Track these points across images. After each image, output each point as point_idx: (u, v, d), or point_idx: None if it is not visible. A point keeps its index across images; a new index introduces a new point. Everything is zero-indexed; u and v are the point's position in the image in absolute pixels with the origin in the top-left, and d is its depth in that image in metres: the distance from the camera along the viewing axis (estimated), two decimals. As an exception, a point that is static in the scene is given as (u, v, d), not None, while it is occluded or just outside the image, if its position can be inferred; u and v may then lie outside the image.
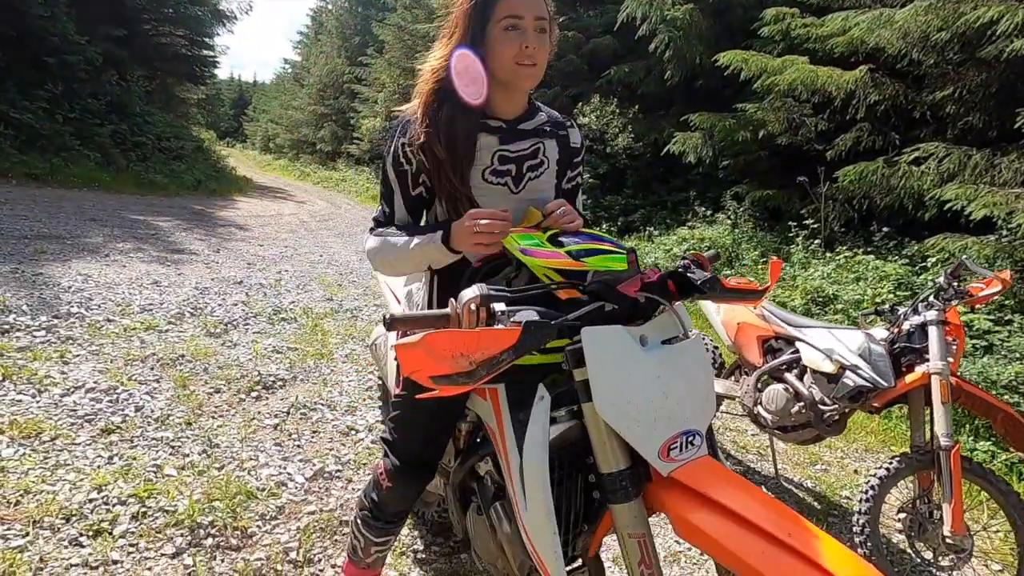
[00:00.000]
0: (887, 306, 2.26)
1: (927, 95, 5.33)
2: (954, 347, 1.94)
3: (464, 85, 1.12)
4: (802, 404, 2.21)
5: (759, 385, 2.41)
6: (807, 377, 2.27)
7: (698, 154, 7.09)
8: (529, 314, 0.82)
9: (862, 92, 5.52)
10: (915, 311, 2.06)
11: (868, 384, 1.98)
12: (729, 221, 6.79)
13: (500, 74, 1.12)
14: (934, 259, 4.56)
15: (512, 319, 0.81)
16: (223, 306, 3.72)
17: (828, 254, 5.58)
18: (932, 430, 1.98)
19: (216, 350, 2.96)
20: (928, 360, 1.94)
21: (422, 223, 1.23)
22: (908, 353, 2.02)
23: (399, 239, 1.15)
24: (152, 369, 2.63)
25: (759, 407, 2.38)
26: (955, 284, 1.93)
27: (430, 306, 1.25)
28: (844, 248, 5.44)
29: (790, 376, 2.31)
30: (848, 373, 2.06)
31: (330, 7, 29.37)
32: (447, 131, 1.12)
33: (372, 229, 1.22)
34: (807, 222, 5.83)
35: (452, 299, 0.89)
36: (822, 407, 2.16)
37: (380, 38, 18.72)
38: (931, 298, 2.00)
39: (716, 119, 6.72)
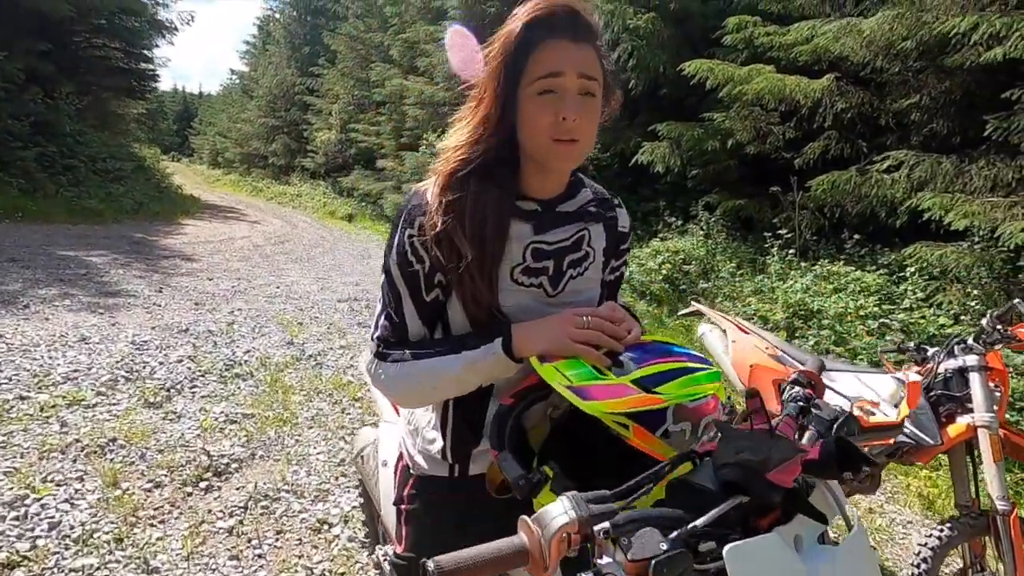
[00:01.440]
0: (912, 344, 2.08)
1: (891, 103, 5.35)
2: (998, 395, 1.76)
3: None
4: (830, 458, 2.00)
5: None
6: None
7: (666, 164, 6.99)
8: (650, 539, 0.53)
9: (829, 100, 5.51)
10: (951, 353, 1.88)
11: (910, 441, 1.78)
12: (702, 231, 6.70)
13: (531, 150, 0.86)
14: (912, 268, 4.52)
15: (631, 553, 0.52)
16: (165, 364, 3.24)
17: (803, 263, 5.52)
18: (976, 487, 1.80)
19: (156, 426, 2.53)
20: (971, 410, 1.76)
21: (437, 334, 0.94)
22: (946, 401, 1.84)
23: (434, 363, 0.86)
24: (75, 462, 2.19)
25: (780, 460, 2.16)
26: (1000, 327, 1.75)
27: (445, 427, 0.94)
28: (822, 259, 5.39)
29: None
30: (883, 426, 1.85)
31: (277, 16, 28.44)
32: (473, 219, 0.85)
33: (379, 352, 0.91)
34: (781, 232, 5.76)
35: (526, 520, 0.57)
36: (854, 462, 1.96)
37: (332, 48, 18.16)
38: (969, 340, 1.82)
39: (684, 128, 6.64)
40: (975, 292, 4.07)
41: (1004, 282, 4.15)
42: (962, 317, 4.00)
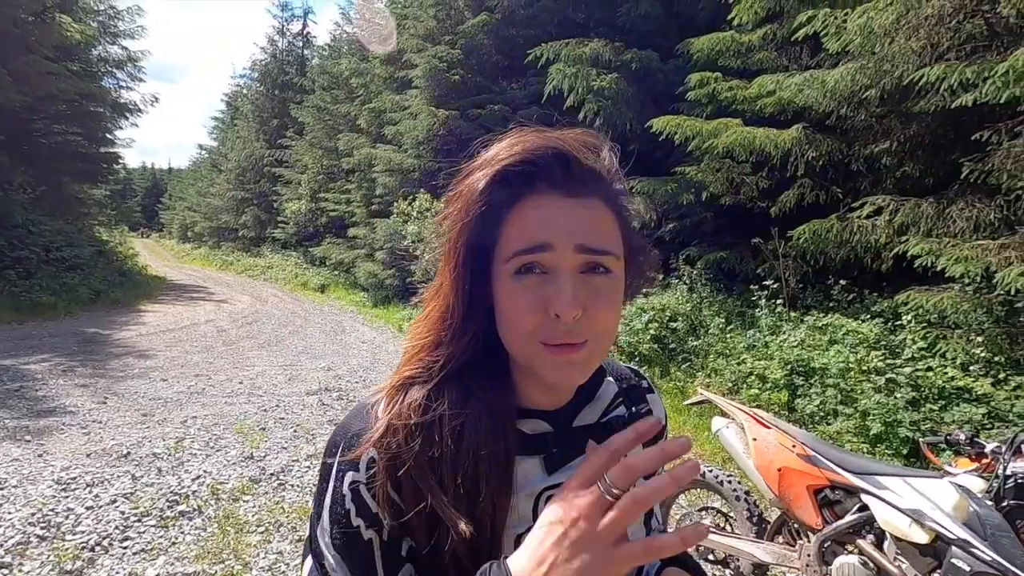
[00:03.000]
0: (962, 435, 1.81)
1: (860, 148, 5.38)
2: (1083, 506, 1.47)
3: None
4: (892, 588, 1.68)
5: (824, 555, 1.86)
6: (888, 545, 1.75)
7: (642, 219, 6.89)
8: None
9: (799, 149, 5.51)
10: (1017, 451, 1.60)
11: (993, 571, 1.47)
12: (685, 285, 6.52)
13: (516, 357, 0.56)
14: (908, 316, 4.34)
15: None
16: (94, 509, 2.70)
17: (794, 314, 5.35)
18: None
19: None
20: (1056, 528, 1.47)
21: None
22: (1021, 513, 1.55)
23: None
24: None
25: (829, 588, 1.82)
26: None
27: None
28: (814, 310, 5.23)
29: (865, 544, 1.78)
30: (955, 551, 1.55)
31: (245, 92, 28.87)
32: (456, 462, 0.53)
33: None
34: (766, 282, 5.61)
35: None
36: (919, 592, 1.64)
37: (300, 120, 18.32)
38: (1039, 440, 1.56)
39: (657, 183, 6.61)
40: (979, 339, 3.89)
41: (1006, 327, 3.98)
42: (971, 367, 3.79)
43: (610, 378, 0.69)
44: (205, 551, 2.39)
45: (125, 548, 2.37)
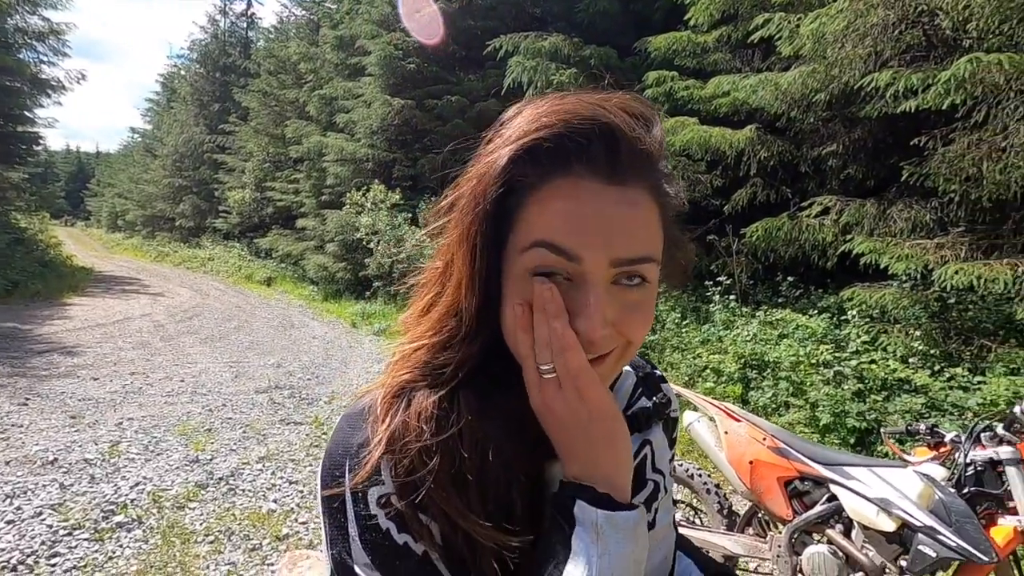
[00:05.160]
0: (922, 426, 1.87)
1: (808, 150, 5.60)
2: (1036, 489, 1.54)
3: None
4: (862, 575, 1.72)
5: (794, 545, 1.89)
6: (856, 533, 1.79)
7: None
8: None
9: (751, 150, 5.69)
10: (976, 440, 1.67)
11: (957, 556, 1.52)
12: (641, 281, 6.63)
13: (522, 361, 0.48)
14: (852, 311, 4.56)
15: None
16: (15, 525, 2.41)
17: (746, 310, 5.52)
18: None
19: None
20: (1015, 511, 1.54)
21: None
22: (982, 500, 1.61)
23: None
24: None
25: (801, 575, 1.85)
26: (1036, 418, 1.56)
27: None
28: (764, 305, 5.42)
29: (834, 533, 1.82)
30: (921, 537, 1.60)
31: (183, 73, 27.28)
32: (482, 482, 0.46)
33: None
34: (720, 279, 5.77)
35: None
36: (887, 578, 1.68)
37: (244, 105, 17.43)
38: (999, 428, 1.63)
39: (615, 180, 6.68)
40: (917, 333, 4.12)
41: (940, 321, 4.24)
42: (910, 360, 4.01)
43: (628, 367, 0.63)
44: (148, 565, 2.19)
45: (54, 566, 2.14)
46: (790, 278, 5.51)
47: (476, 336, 0.48)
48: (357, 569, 0.44)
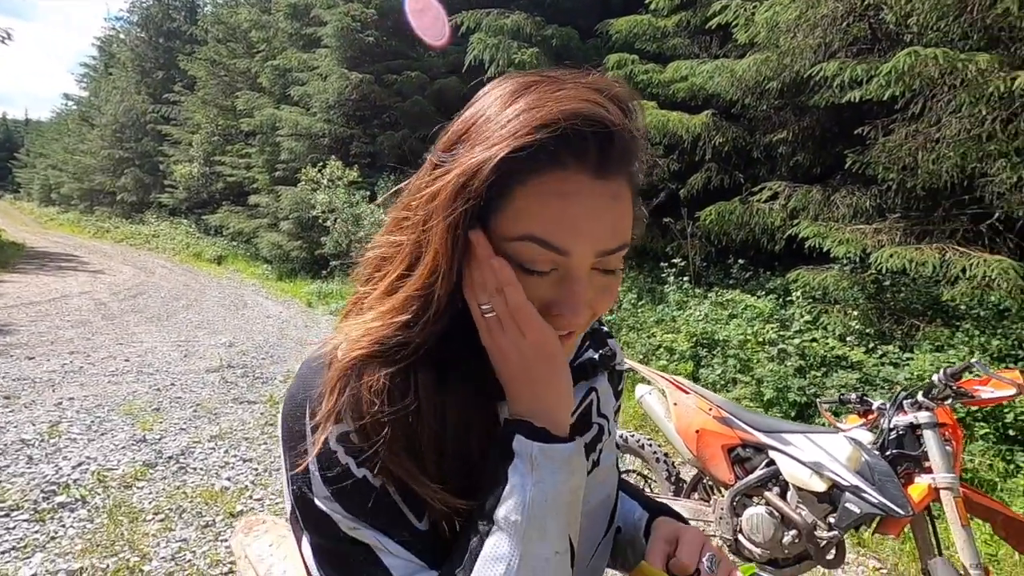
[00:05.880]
0: (853, 395, 2.01)
1: (760, 137, 5.79)
2: (949, 450, 1.70)
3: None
4: (795, 532, 1.85)
5: (735, 507, 2.01)
6: (791, 495, 1.92)
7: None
8: None
9: (707, 135, 5.82)
10: (899, 407, 1.81)
11: (879, 512, 1.66)
12: (599, 263, 6.75)
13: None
14: (797, 292, 4.78)
15: None
16: None
17: (699, 291, 5.71)
18: (939, 550, 1.73)
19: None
20: (929, 470, 1.69)
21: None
22: (903, 461, 1.76)
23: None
24: None
25: (740, 536, 1.98)
26: (953, 385, 1.69)
27: None
28: (716, 285, 5.62)
29: (771, 496, 1.94)
30: (848, 496, 1.73)
31: (122, 36, 25.54)
32: (444, 439, 0.48)
33: None
34: (675, 260, 5.94)
35: None
36: (818, 534, 1.82)
37: (190, 73, 16.51)
38: (919, 395, 1.76)
39: (575, 162, 6.72)
40: (854, 313, 4.37)
41: (875, 302, 4.51)
42: (848, 338, 4.26)
43: None
44: (93, 544, 2.12)
45: (-10, 546, 2.06)
46: (741, 260, 5.73)
47: (442, 318, 0.48)
48: (317, 502, 0.46)
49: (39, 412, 3.39)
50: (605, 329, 0.72)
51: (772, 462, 1.96)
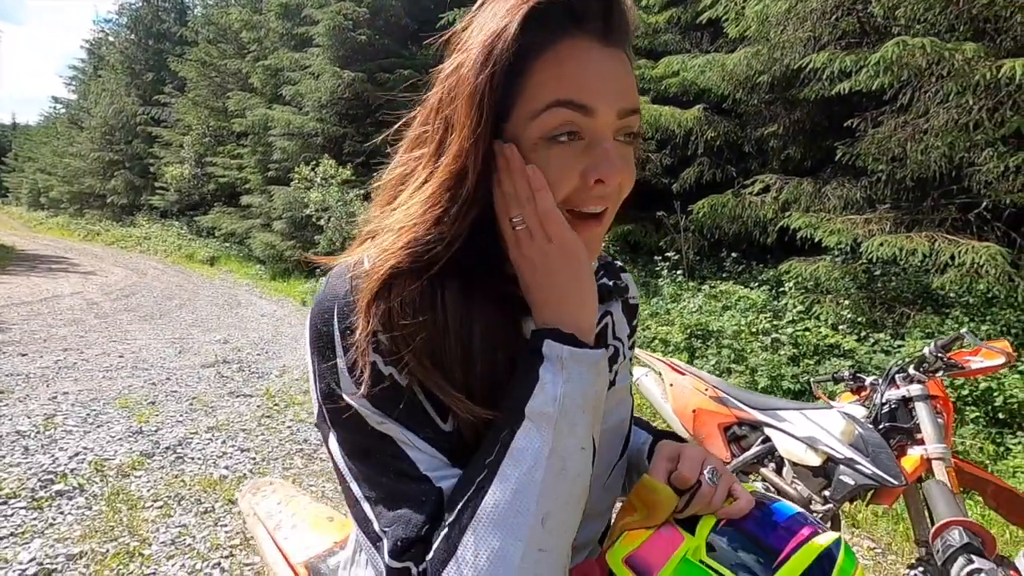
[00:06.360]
0: (845, 373, 2.04)
1: (752, 131, 5.84)
2: (941, 422, 1.73)
3: None
4: (791, 507, 1.87)
5: (732, 485, 2.03)
6: (786, 471, 1.95)
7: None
8: None
9: (699, 129, 5.87)
10: (891, 382, 1.84)
11: (873, 483, 1.69)
12: (594, 258, 6.78)
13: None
14: (789, 283, 4.83)
15: None
16: None
17: (692, 283, 5.75)
18: (933, 521, 1.76)
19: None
20: (921, 441, 1.72)
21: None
22: (895, 434, 1.79)
23: (506, 489, 0.44)
24: None
25: (737, 512, 2.00)
26: (944, 357, 1.73)
27: None
28: (709, 278, 5.66)
29: (767, 472, 1.97)
30: (843, 468, 1.76)
31: (111, 39, 25.36)
32: (472, 357, 0.50)
33: (421, 572, 0.45)
34: (668, 254, 5.98)
35: None
36: (813, 508, 1.84)
37: (180, 75, 16.42)
38: (911, 369, 1.80)
39: (569, 158, 6.75)
40: (846, 303, 4.42)
41: (867, 292, 4.56)
42: (840, 327, 4.31)
43: None
44: (92, 530, 2.12)
45: (-11, 533, 2.05)
46: (734, 254, 5.78)
47: (470, 211, 0.49)
48: (346, 397, 0.47)
49: (34, 406, 3.37)
50: (619, 263, 0.74)
51: (767, 439, 1.99)
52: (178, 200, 16.83)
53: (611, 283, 0.68)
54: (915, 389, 1.74)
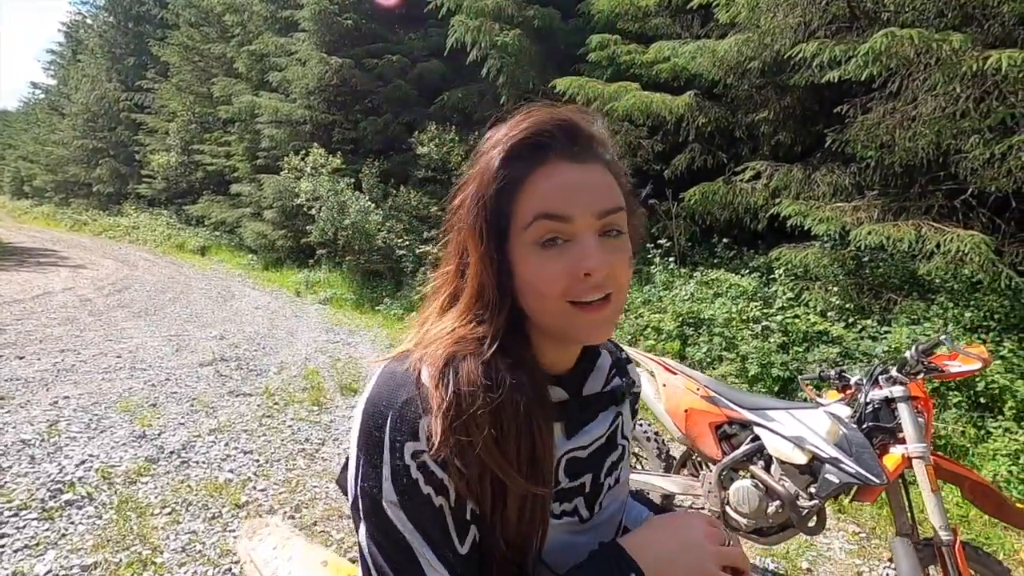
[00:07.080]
0: (832, 372, 2.11)
1: (742, 117, 5.83)
2: (922, 421, 1.80)
3: None
4: (779, 503, 1.96)
5: (723, 481, 2.12)
6: (775, 468, 2.02)
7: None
8: None
9: (690, 116, 5.86)
10: (875, 382, 1.91)
11: (856, 481, 1.77)
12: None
13: (544, 325, 0.59)
14: (779, 270, 4.89)
15: None
16: None
17: (684, 271, 5.80)
18: (913, 515, 1.84)
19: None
20: (903, 440, 1.79)
21: None
22: (878, 433, 1.86)
23: None
24: None
25: (728, 507, 2.08)
26: (925, 360, 1.79)
27: None
28: (700, 266, 5.71)
29: (756, 469, 2.05)
30: (828, 467, 1.83)
31: (89, 22, 24.69)
32: (516, 427, 0.56)
33: None
34: (661, 241, 6.02)
35: None
36: (800, 504, 1.93)
37: (163, 59, 16.06)
38: (893, 371, 1.86)
39: (560, 145, 6.73)
40: (835, 289, 4.49)
41: (855, 278, 4.63)
42: (828, 313, 4.39)
43: (603, 350, 0.74)
44: (104, 539, 2.18)
45: (2, 547, 2.09)
46: (725, 240, 5.82)
47: (502, 309, 0.58)
48: (384, 504, 0.53)
49: (36, 412, 3.40)
50: (625, 356, 0.80)
51: (757, 438, 2.06)
52: (165, 188, 16.62)
53: (623, 382, 0.74)
54: (897, 391, 1.81)
